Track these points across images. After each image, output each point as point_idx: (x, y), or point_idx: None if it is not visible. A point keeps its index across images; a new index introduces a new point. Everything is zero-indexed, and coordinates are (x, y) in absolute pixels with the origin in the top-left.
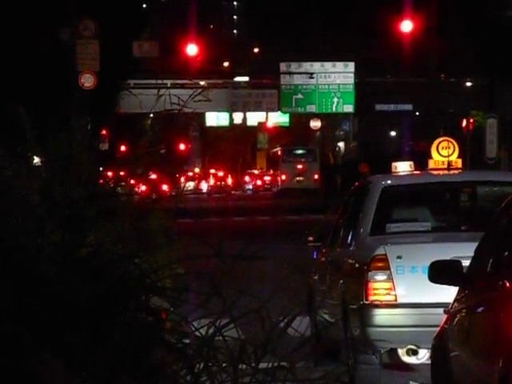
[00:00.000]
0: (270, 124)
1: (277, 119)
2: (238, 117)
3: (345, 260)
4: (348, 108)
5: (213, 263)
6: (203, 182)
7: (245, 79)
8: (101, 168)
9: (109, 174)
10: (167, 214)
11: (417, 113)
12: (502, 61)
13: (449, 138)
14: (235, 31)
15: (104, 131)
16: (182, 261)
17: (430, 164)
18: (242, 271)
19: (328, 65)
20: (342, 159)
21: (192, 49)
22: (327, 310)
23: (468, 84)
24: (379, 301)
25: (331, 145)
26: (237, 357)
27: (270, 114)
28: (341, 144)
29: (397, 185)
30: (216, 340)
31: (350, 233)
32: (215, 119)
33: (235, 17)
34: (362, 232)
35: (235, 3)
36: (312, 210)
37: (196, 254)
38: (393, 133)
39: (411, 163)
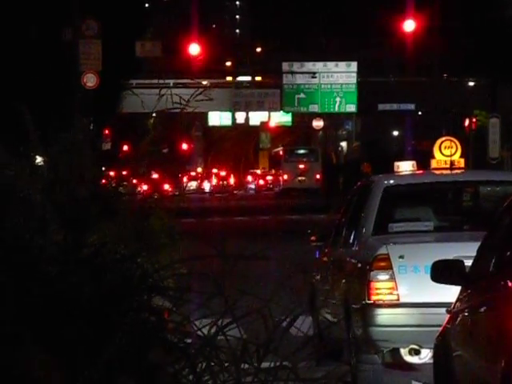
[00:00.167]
0: (273, 123)
1: (279, 119)
2: (241, 116)
3: (347, 260)
4: (350, 108)
5: (215, 263)
6: (206, 182)
7: (247, 79)
8: (103, 168)
9: (111, 174)
10: (170, 214)
11: (419, 112)
12: (505, 60)
13: (451, 138)
14: (238, 31)
15: (106, 131)
16: (185, 261)
17: (433, 164)
18: (244, 271)
19: (330, 64)
20: (345, 159)
21: (194, 48)
22: (329, 310)
23: (471, 83)
24: (381, 300)
25: (334, 144)
26: (239, 356)
27: (273, 114)
28: (343, 144)
29: (399, 184)
30: (218, 339)
31: (353, 232)
32: (218, 119)
33: (238, 16)
34: (365, 232)
35: (238, 3)
36: (314, 210)
37: (198, 254)
38: (395, 132)
39: (414, 163)
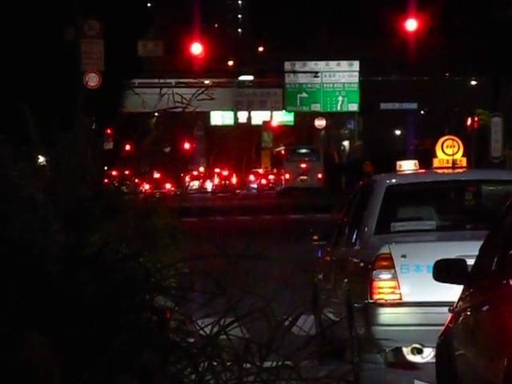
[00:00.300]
0: (275, 123)
1: (281, 118)
2: (243, 116)
3: (349, 259)
4: (353, 107)
5: (217, 262)
6: (208, 181)
7: (249, 78)
8: (105, 167)
9: (113, 174)
10: (172, 213)
11: (422, 111)
12: (507, 59)
13: (453, 137)
14: (240, 30)
15: (109, 130)
16: (187, 260)
17: (435, 163)
18: (247, 270)
19: (333, 64)
20: (347, 158)
21: (197, 48)
22: (332, 309)
23: (473, 82)
24: (384, 299)
25: (336, 144)
26: (241, 356)
27: (275, 113)
28: (345, 143)
29: (401, 183)
30: (220, 339)
31: (355, 232)
32: (220, 118)
33: (240, 16)
34: (367, 231)
35: (240, 2)
36: (316, 209)
37: (200, 254)
38: (397, 131)
39: (416, 162)
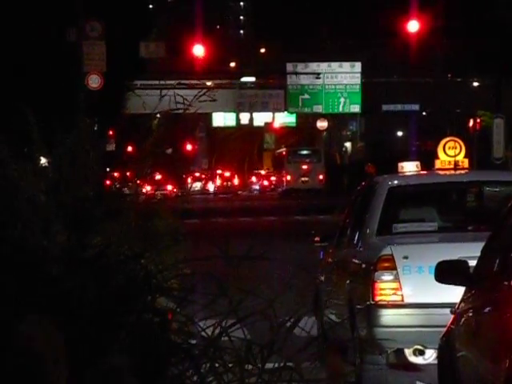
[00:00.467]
0: (277, 124)
1: (283, 119)
2: (245, 117)
3: (351, 260)
4: (355, 108)
5: (219, 264)
6: (210, 183)
7: (251, 79)
8: (107, 169)
9: (115, 175)
10: (174, 215)
11: (423, 113)
12: (509, 60)
13: (455, 138)
14: (242, 31)
15: (110, 132)
16: (189, 261)
17: (437, 164)
18: (248, 271)
19: (335, 65)
20: (349, 159)
21: (199, 49)
22: (334, 310)
23: (475, 84)
24: (386, 301)
25: (338, 145)
26: (243, 357)
27: (277, 115)
28: (347, 144)
29: (403, 185)
30: (222, 340)
31: (357, 233)
32: (222, 119)
33: (242, 17)
34: (369, 232)
35: (242, 3)
36: (318, 210)
37: (202, 255)
38: (399, 133)
39: (418, 163)
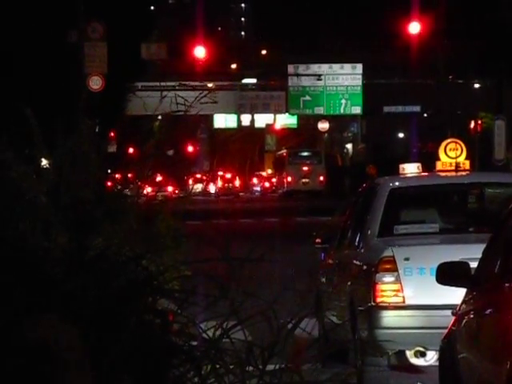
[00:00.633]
0: (278, 126)
1: (284, 121)
2: (246, 119)
3: (352, 262)
4: (356, 110)
5: (220, 265)
6: (211, 184)
7: (253, 81)
8: (108, 170)
9: (116, 177)
10: (175, 216)
11: (425, 114)
12: (511, 62)
13: (457, 140)
14: (243, 33)
15: (112, 133)
16: (190, 263)
17: (438, 165)
18: (249, 273)
19: (336, 66)
20: (350, 161)
21: (200, 51)
22: (335, 312)
23: (476, 85)
24: (387, 302)
25: (339, 147)
26: (244, 359)
27: (278, 116)
28: (349, 146)
29: (404, 186)
30: (223, 342)
31: (358, 234)
32: (223, 121)
33: (243, 19)
34: (370, 234)
35: (243, 5)
36: (319, 212)
37: (203, 256)
38: (401, 134)
39: (419, 165)
